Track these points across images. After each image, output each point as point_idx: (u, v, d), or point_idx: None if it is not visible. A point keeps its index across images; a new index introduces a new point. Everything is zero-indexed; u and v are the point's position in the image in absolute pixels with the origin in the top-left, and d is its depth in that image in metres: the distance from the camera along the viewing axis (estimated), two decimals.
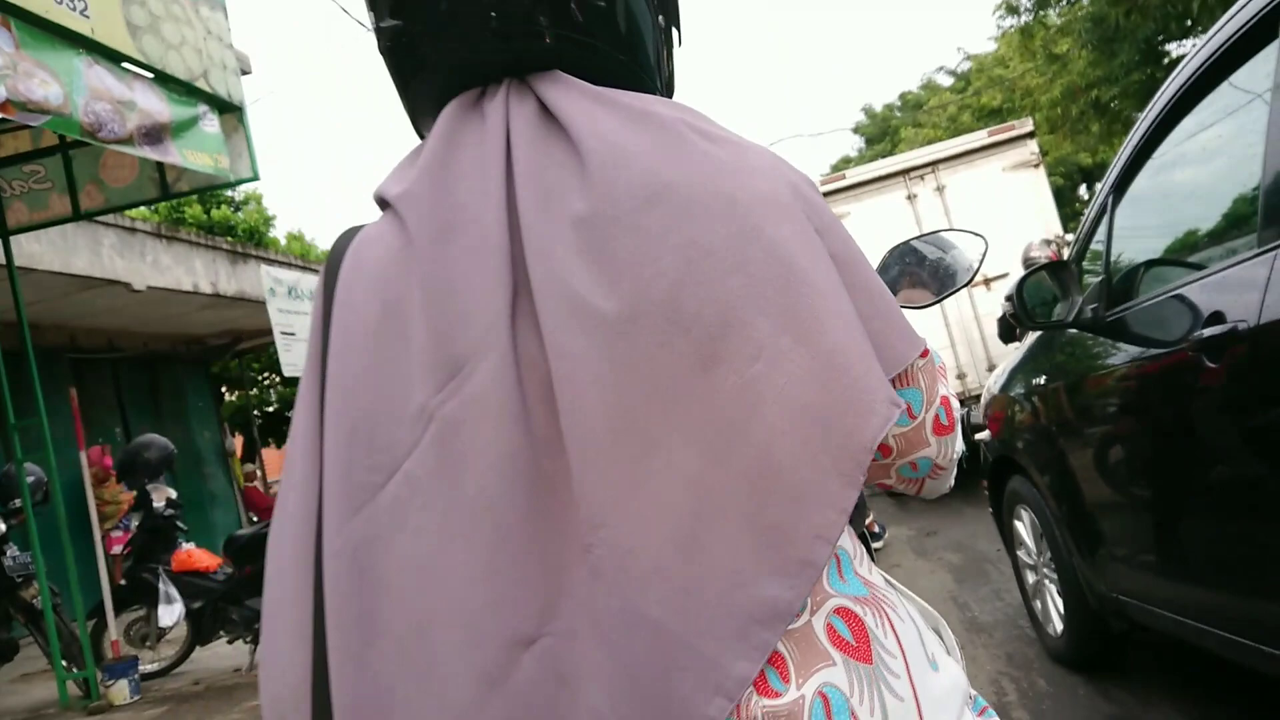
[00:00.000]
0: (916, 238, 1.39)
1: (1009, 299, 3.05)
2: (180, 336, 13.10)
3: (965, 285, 1.31)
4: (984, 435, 4.12)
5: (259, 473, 15.84)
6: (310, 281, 12.85)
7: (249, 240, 15.36)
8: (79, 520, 6.06)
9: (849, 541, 0.80)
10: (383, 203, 0.86)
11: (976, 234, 1.36)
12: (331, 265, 0.87)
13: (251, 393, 16.28)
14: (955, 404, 0.88)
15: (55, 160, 5.83)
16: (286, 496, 0.83)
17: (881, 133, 33.42)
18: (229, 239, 13.53)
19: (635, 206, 0.75)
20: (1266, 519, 1.97)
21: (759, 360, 0.72)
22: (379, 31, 0.86)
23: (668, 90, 0.95)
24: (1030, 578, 3.79)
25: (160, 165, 5.77)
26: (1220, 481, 2.20)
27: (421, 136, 0.91)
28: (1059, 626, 3.48)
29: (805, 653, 0.71)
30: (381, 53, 0.88)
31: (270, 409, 17.36)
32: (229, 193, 17.49)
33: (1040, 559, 3.60)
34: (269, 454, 19.59)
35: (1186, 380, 2.19)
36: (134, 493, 10.52)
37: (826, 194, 8.80)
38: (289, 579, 0.80)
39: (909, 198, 8.80)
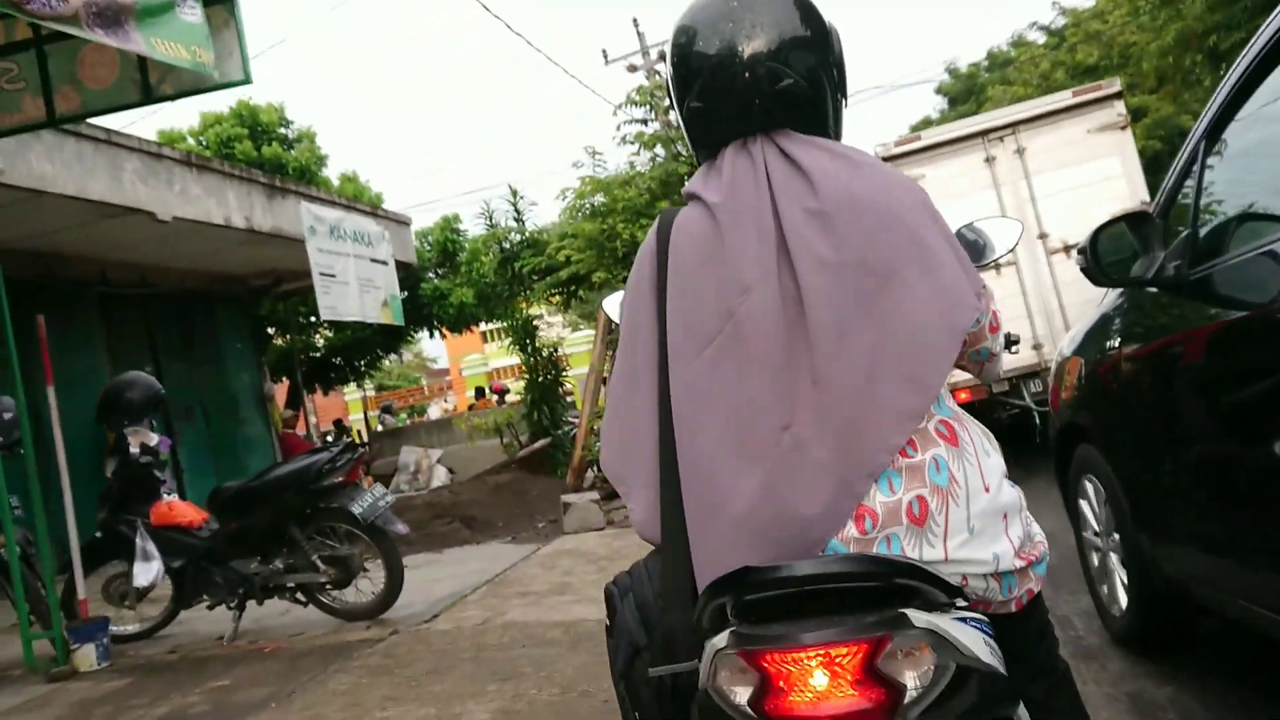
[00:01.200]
0: (963, 226, 1.93)
1: (1081, 252, 2.89)
2: (219, 275, 12.57)
3: (995, 261, 1.93)
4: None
5: (310, 418, 15.40)
6: (354, 221, 12.30)
7: (300, 179, 14.77)
8: (48, 465, 5.44)
9: (945, 389, 1.44)
10: (691, 196, 1.53)
11: (1014, 219, 1.96)
12: (664, 227, 1.55)
13: (298, 337, 15.75)
14: (999, 314, 1.55)
15: (29, 57, 5.14)
16: (634, 357, 1.53)
17: (967, 91, 31.60)
18: (279, 176, 12.89)
19: (841, 206, 1.39)
20: None
21: (907, 287, 1.36)
22: (687, 109, 1.53)
23: (838, 135, 1.60)
24: (1095, 554, 3.54)
25: (143, 66, 5.04)
26: None
27: (699, 161, 1.60)
28: (1123, 606, 3.27)
29: (924, 439, 1.37)
30: (684, 119, 1.57)
31: (317, 354, 16.81)
32: (282, 130, 16.94)
33: (1105, 534, 3.38)
34: (315, 401, 19.22)
35: (1273, 346, 2.10)
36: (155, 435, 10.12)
37: (901, 155, 8.25)
38: (646, 397, 1.48)
39: (987, 160, 8.18)
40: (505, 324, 11.35)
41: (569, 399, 12.78)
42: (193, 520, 5.45)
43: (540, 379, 10.99)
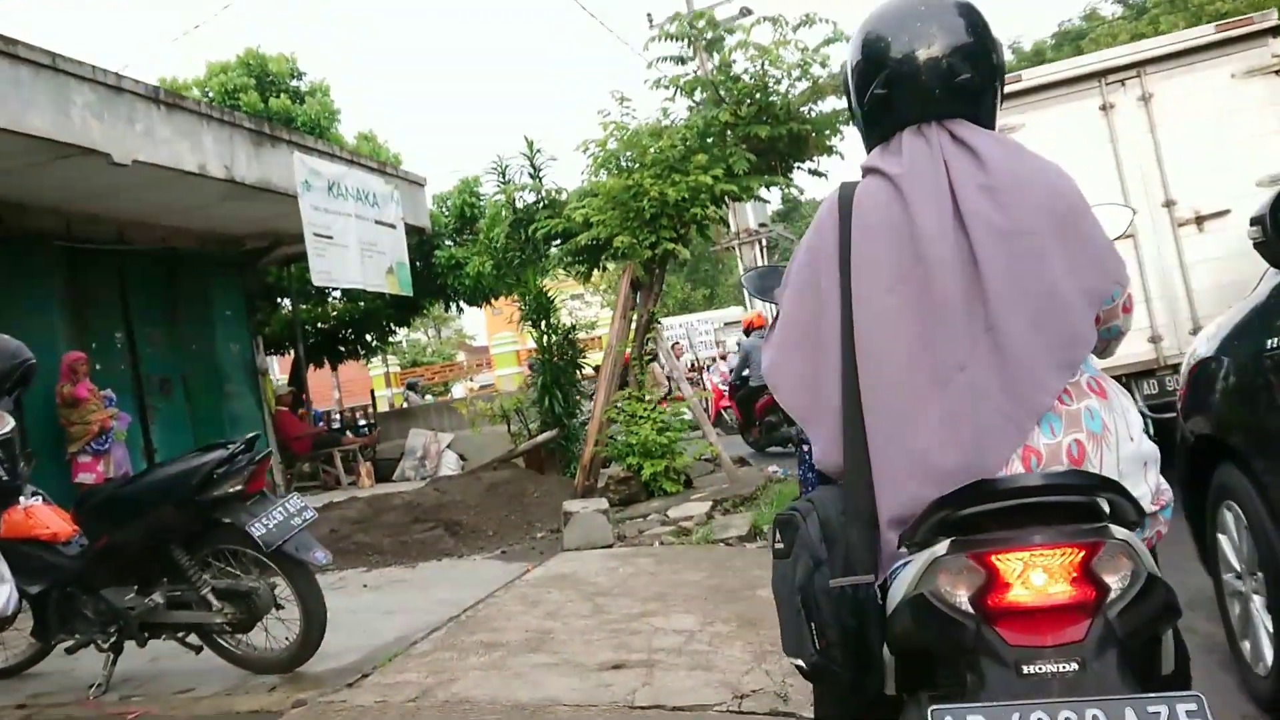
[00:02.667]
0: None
1: (1256, 222, 2.55)
2: (208, 234, 11.35)
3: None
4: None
5: (334, 393, 14.15)
6: (358, 178, 11.06)
7: (310, 136, 13.48)
8: None
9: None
10: (870, 169, 1.77)
11: (1126, 208, 2.10)
12: (845, 196, 1.76)
13: (305, 307, 14.50)
14: (1133, 297, 1.80)
15: None
16: (817, 306, 1.74)
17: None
18: (269, 123, 11.58)
19: (1008, 183, 1.65)
20: None
21: (1062, 258, 1.60)
22: (871, 95, 1.77)
23: (993, 125, 1.82)
24: (1235, 599, 3.07)
25: None
26: None
27: (868, 143, 1.85)
28: (1269, 662, 2.82)
29: (1078, 392, 1.61)
30: (865, 104, 1.80)
31: (325, 326, 15.53)
32: (292, 82, 15.67)
33: (1250, 573, 2.93)
34: (314, 377, 17.97)
35: None
36: (113, 410, 8.85)
37: None
38: (831, 341, 1.70)
39: (1103, 108, 6.70)
40: (519, 296, 9.96)
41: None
42: (57, 533, 4.14)
43: (554, 360, 9.62)
